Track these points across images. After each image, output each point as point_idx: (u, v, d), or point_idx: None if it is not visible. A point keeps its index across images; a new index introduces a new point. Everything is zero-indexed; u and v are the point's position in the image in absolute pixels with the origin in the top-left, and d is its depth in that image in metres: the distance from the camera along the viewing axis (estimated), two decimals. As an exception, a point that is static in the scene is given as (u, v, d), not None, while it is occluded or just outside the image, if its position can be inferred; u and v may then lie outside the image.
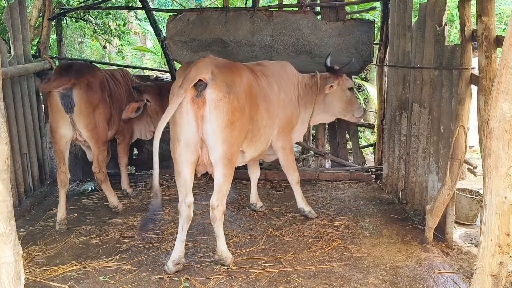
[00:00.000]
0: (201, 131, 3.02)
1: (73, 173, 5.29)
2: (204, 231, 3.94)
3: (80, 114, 3.88)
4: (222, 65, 3.20)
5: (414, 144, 4.22)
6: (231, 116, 3.03)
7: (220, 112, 2.99)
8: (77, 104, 3.84)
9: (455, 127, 3.35)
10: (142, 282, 3.05)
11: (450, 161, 3.39)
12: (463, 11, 3.32)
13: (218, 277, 3.09)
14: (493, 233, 1.87)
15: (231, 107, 3.03)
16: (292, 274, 3.15)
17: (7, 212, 1.85)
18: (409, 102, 4.32)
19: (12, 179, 4.20)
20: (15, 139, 4.32)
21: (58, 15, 5.47)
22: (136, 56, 13.17)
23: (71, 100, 3.81)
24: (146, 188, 5.15)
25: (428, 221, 3.62)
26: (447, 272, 3.16)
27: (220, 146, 3.03)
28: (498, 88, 1.76)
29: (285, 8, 5.64)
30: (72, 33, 9.44)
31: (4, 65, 4.12)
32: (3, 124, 1.82)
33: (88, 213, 4.40)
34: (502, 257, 1.88)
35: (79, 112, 3.87)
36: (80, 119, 3.90)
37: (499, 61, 1.77)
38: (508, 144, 1.78)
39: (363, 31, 5.18)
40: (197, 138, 3.04)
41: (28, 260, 3.36)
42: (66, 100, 3.80)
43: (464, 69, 3.32)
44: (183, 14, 5.28)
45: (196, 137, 3.03)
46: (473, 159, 4.70)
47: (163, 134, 2.98)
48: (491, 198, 1.86)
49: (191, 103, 2.97)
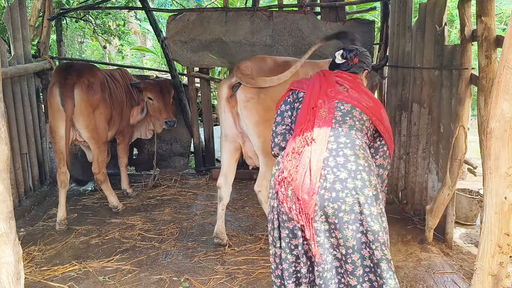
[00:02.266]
0: (238, 126, 3.40)
1: (73, 173, 5.30)
2: (204, 231, 3.94)
3: (80, 115, 3.87)
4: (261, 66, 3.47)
5: (414, 144, 4.21)
6: (263, 114, 3.25)
7: (249, 111, 3.30)
8: (77, 104, 3.83)
9: (455, 127, 3.35)
10: (142, 282, 3.05)
11: (450, 161, 3.39)
12: (463, 11, 3.31)
13: (218, 277, 3.10)
14: (493, 233, 1.86)
15: (262, 107, 3.26)
16: (292, 274, 3.15)
17: (7, 212, 1.85)
18: (409, 102, 4.31)
19: (12, 179, 4.20)
20: (15, 139, 4.32)
21: (58, 15, 5.47)
22: (136, 56, 13.16)
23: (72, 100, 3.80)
24: (146, 188, 5.15)
25: (428, 221, 3.62)
26: (447, 272, 3.17)
27: (257, 140, 3.31)
28: (498, 88, 1.76)
29: (285, 8, 5.63)
30: (72, 33, 9.43)
31: (4, 65, 4.12)
32: (3, 124, 1.82)
33: (88, 213, 4.41)
34: (502, 257, 1.88)
35: (79, 112, 3.87)
36: (80, 120, 3.89)
37: (499, 61, 1.77)
38: (508, 144, 1.78)
39: (363, 31, 5.17)
40: (235, 132, 3.44)
41: (28, 260, 3.36)
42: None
43: (464, 69, 3.32)
44: (183, 14, 5.28)
45: (233, 131, 3.44)
46: (473, 159, 4.69)
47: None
48: (491, 198, 1.85)
49: (226, 102, 3.38)
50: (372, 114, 2.17)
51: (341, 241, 1.99)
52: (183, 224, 4.09)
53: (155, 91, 4.68)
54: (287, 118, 2.29)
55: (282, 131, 2.28)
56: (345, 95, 2.17)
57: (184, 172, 5.74)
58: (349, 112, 2.13)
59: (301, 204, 1.96)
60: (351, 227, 1.96)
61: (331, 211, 1.95)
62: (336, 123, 2.10)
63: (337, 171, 1.97)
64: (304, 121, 2.12)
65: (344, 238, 1.97)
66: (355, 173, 1.98)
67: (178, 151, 5.81)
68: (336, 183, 1.95)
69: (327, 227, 2.02)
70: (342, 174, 1.97)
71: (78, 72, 3.92)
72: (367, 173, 2.01)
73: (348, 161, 2.00)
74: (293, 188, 2.00)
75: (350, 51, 2.30)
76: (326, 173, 1.97)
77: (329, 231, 2.03)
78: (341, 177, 1.96)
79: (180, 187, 5.22)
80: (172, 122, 4.72)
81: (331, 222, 1.99)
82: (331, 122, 2.09)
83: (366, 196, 1.97)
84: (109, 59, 10.69)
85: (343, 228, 1.97)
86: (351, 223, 1.96)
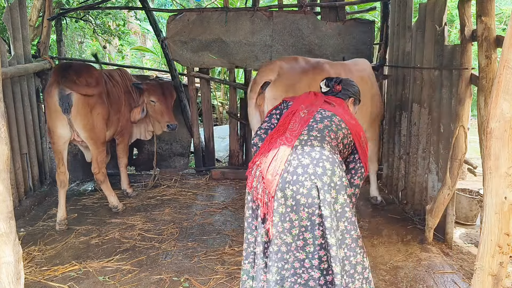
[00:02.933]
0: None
1: (73, 173, 5.30)
2: (204, 231, 3.94)
3: (77, 115, 3.85)
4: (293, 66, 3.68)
5: (414, 144, 4.22)
6: None
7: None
8: (74, 105, 3.81)
9: (455, 127, 3.36)
10: (142, 282, 3.05)
11: (450, 161, 3.39)
12: (463, 11, 3.31)
13: (218, 277, 3.10)
14: (493, 233, 1.87)
15: None
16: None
17: (7, 212, 1.85)
18: (409, 102, 4.32)
19: (12, 179, 4.20)
20: (15, 139, 4.32)
21: (58, 15, 5.47)
22: (136, 56, 13.15)
23: (69, 100, 3.78)
24: (146, 188, 5.15)
25: (428, 221, 3.62)
26: (447, 272, 3.17)
27: None
28: (498, 88, 1.76)
29: (285, 8, 5.63)
30: (72, 33, 9.42)
31: (4, 65, 4.12)
32: (3, 124, 1.82)
33: (88, 213, 4.41)
34: (502, 257, 1.88)
35: (77, 113, 3.84)
36: (77, 120, 3.87)
37: (499, 61, 1.77)
38: (508, 144, 1.78)
39: (363, 31, 5.18)
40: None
41: (28, 260, 3.36)
42: (64, 101, 3.77)
43: (464, 69, 3.32)
44: (183, 14, 5.28)
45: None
46: (473, 159, 4.69)
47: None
48: (491, 198, 1.86)
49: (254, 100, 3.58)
50: (352, 128, 2.38)
51: (296, 222, 2.15)
52: (183, 224, 4.09)
53: (157, 93, 4.67)
54: (274, 119, 2.54)
55: (266, 127, 2.53)
56: (330, 107, 2.43)
57: (184, 172, 5.74)
58: (329, 117, 2.36)
59: (264, 183, 2.15)
60: (306, 209, 2.12)
61: (290, 193, 2.12)
62: (313, 122, 2.32)
63: (301, 158, 2.16)
64: (284, 120, 2.37)
65: (299, 218, 2.14)
66: (318, 160, 2.14)
67: (178, 151, 5.81)
68: (299, 168, 2.13)
69: (283, 210, 2.16)
70: (305, 161, 2.15)
71: (76, 72, 3.90)
72: (330, 164, 2.16)
73: (313, 150, 2.18)
74: (261, 170, 2.20)
75: (331, 80, 2.59)
76: (292, 159, 2.17)
77: (284, 215, 2.16)
78: (304, 163, 2.14)
79: (180, 187, 5.22)
80: (174, 126, 4.72)
81: (288, 205, 2.14)
82: (308, 121, 2.32)
83: (323, 182, 2.11)
84: (109, 59, 10.69)
85: (299, 210, 2.13)
86: (308, 206, 2.11)
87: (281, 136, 2.27)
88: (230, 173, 5.57)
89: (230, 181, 5.48)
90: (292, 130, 2.28)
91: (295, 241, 2.18)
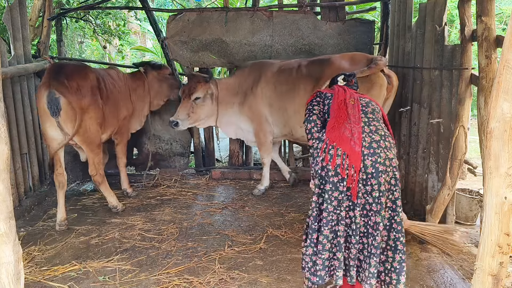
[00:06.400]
0: None
1: (73, 173, 5.30)
2: (204, 231, 3.94)
3: (67, 119, 3.74)
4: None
5: (414, 144, 4.21)
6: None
7: None
8: (63, 109, 3.69)
9: (455, 127, 3.35)
10: (142, 282, 3.05)
11: (450, 161, 3.39)
12: (463, 11, 3.32)
13: (218, 277, 3.09)
14: (493, 233, 1.86)
15: None
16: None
17: (7, 212, 1.85)
18: (409, 102, 4.31)
19: (12, 179, 4.20)
20: (15, 139, 4.32)
21: (58, 15, 5.47)
22: (136, 56, 13.15)
23: (58, 104, 3.66)
24: (139, 188, 5.15)
25: (428, 221, 3.61)
26: (447, 272, 3.16)
27: None
28: (498, 88, 1.76)
29: (285, 8, 5.64)
30: (72, 33, 9.42)
31: (4, 65, 4.12)
32: (3, 124, 1.82)
33: (88, 213, 4.41)
34: (502, 257, 1.88)
35: (66, 117, 3.72)
36: (67, 124, 3.76)
37: (499, 61, 1.77)
38: (508, 144, 1.78)
39: (363, 31, 5.18)
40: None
41: (28, 260, 3.36)
42: (52, 104, 3.65)
43: (464, 69, 3.32)
44: (183, 14, 5.28)
45: None
46: (473, 159, 4.69)
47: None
48: (491, 198, 1.85)
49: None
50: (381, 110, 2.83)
51: (376, 186, 2.48)
52: (183, 224, 4.09)
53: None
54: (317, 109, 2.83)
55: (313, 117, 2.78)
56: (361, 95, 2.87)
57: (184, 172, 5.74)
58: (369, 101, 2.78)
59: (350, 158, 2.47)
60: (383, 175, 2.48)
61: (370, 163, 2.47)
62: (363, 107, 2.71)
63: (372, 135, 2.55)
64: (338, 107, 2.67)
65: (378, 184, 2.48)
66: (385, 137, 2.57)
67: (178, 151, 5.80)
68: (373, 143, 2.52)
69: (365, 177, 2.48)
70: (376, 137, 2.54)
71: (68, 75, 3.78)
72: (392, 138, 2.64)
73: (378, 129, 2.59)
74: (343, 149, 2.50)
75: (350, 75, 2.99)
76: (364, 136, 2.54)
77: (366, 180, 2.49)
78: (375, 139, 2.54)
79: (180, 187, 5.22)
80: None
81: (368, 173, 2.48)
82: (359, 107, 2.70)
83: (393, 153, 2.56)
84: (109, 59, 10.68)
85: (378, 176, 2.47)
86: (384, 172, 2.48)
87: (346, 121, 2.60)
88: (230, 173, 5.57)
89: (230, 181, 5.48)
90: (354, 115, 2.62)
91: (375, 202, 2.49)
